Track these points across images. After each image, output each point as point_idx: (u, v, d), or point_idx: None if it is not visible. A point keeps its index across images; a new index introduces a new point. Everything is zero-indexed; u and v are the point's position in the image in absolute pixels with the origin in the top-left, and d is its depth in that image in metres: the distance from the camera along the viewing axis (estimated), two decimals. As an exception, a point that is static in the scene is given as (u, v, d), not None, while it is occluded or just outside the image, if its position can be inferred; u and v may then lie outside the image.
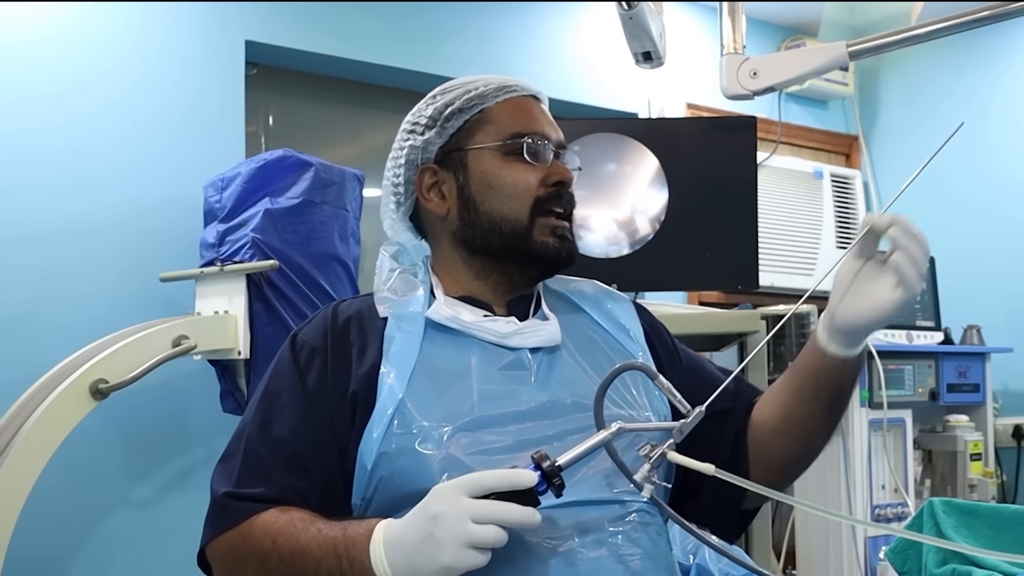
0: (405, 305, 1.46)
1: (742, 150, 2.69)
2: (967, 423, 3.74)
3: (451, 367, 1.42)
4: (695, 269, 2.67)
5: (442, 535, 1.18)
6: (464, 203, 1.51)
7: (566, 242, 1.52)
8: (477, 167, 1.51)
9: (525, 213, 1.49)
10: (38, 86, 2.95)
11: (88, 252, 2.97)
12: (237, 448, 1.41)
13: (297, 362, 1.44)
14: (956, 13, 2.01)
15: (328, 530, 1.29)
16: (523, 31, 4.00)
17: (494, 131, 1.52)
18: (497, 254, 1.51)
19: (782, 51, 4.67)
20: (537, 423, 1.39)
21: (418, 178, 1.54)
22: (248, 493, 1.36)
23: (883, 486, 3.51)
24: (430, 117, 1.54)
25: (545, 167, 1.51)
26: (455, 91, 1.55)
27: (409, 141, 1.55)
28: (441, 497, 1.20)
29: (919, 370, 3.63)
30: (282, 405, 1.41)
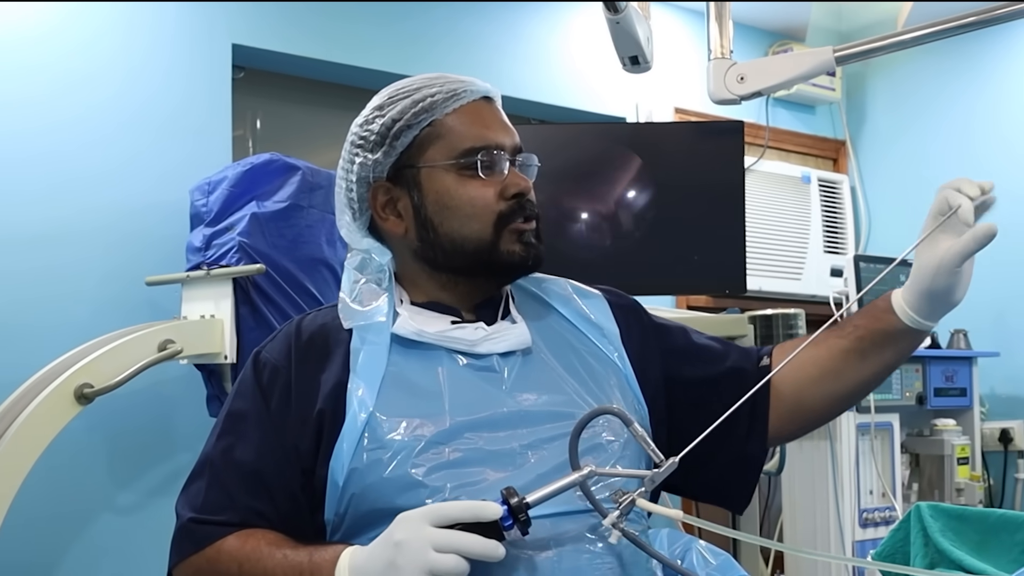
0: (369, 316, 1.44)
1: (730, 154, 2.69)
2: (954, 427, 3.75)
3: (419, 379, 1.39)
4: (683, 273, 2.67)
5: (403, 563, 1.18)
6: (422, 223, 1.46)
7: (532, 248, 1.48)
8: (431, 186, 1.46)
9: (488, 230, 1.44)
10: (21, 88, 2.93)
11: (73, 255, 2.95)
12: (201, 472, 1.40)
13: (260, 382, 1.42)
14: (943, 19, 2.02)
15: (294, 556, 1.30)
16: (511, 35, 4.00)
17: (446, 147, 1.45)
18: (462, 271, 1.48)
19: (769, 56, 4.68)
20: (512, 431, 1.37)
21: (371, 196, 1.49)
22: (213, 519, 1.35)
23: (871, 490, 3.51)
24: (378, 133, 1.47)
25: (502, 179, 1.46)
26: (401, 102, 1.47)
27: (359, 158, 1.49)
28: (404, 525, 1.20)
29: (906, 374, 3.63)
30: (245, 428, 1.40)
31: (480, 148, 1.45)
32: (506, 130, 1.50)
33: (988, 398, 4.18)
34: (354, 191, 1.50)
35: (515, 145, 1.50)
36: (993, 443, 4.08)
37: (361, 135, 1.50)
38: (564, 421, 1.37)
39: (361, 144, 1.49)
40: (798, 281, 4.52)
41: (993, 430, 4.09)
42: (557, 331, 1.54)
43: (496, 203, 1.45)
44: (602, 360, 1.52)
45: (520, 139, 1.53)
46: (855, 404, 1.56)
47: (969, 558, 2.07)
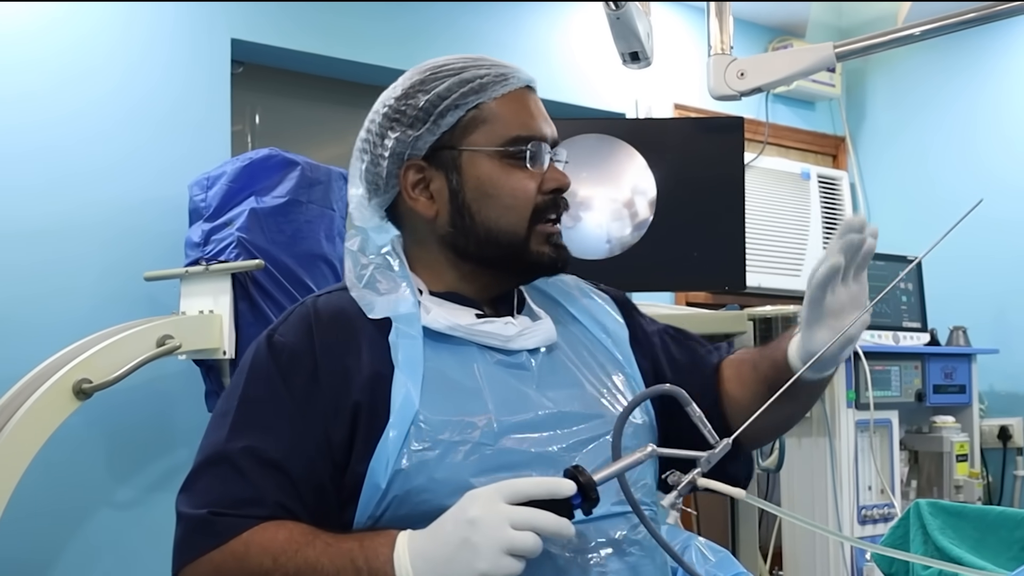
0: (398, 306, 1.36)
1: (729, 151, 2.69)
2: (953, 424, 3.75)
3: (458, 376, 1.34)
4: (683, 270, 2.67)
5: (480, 540, 1.13)
6: (457, 209, 1.40)
7: (561, 250, 1.45)
8: (473, 171, 1.40)
9: (524, 224, 1.40)
10: (20, 83, 2.92)
11: (71, 251, 2.95)
12: (214, 465, 1.28)
13: (279, 367, 1.32)
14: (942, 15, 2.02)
15: (340, 543, 1.22)
16: (511, 31, 3.99)
17: (492, 132, 1.40)
18: (490, 262, 1.42)
19: (769, 52, 4.68)
20: (551, 433, 1.34)
21: (403, 174, 1.41)
22: (236, 512, 1.24)
23: (869, 487, 3.51)
24: (421, 109, 1.40)
25: (542, 172, 1.42)
26: (448, 79, 1.41)
27: (395, 132, 1.41)
28: (478, 502, 1.16)
29: (905, 371, 3.63)
30: (265, 416, 1.30)
31: (527, 138, 1.41)
32: (548, 122, 1.47)
33: (987, 395, 4.18)
34: (382, 166, 1.42)
35: (555, 138, 1.47)
36: (992, 440, 4.08)
37: (398, 108, 1.42)
38: (595, 421, 1.36)
39: (397, 118, 1.42)
40: (797, 278, 4.52)
41: (992, 427, 4.09)
42: (569, 328, 1.52)
43: (535, 196, 1.41)
44: (611, 360, 1.50)
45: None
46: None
47: (968, 555, 2.07)
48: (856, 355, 3.43)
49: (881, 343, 3.62)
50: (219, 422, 1.32)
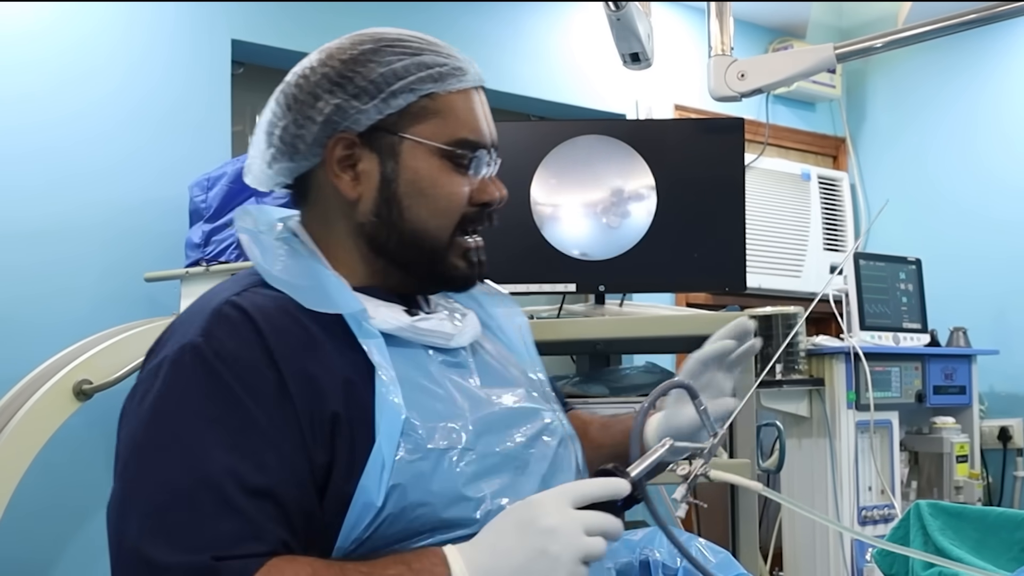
0: (345, 301, 1.22)
1: (730, 152, 2.69)
2: (953, 425, 3.75)
3: (418, 378, 1.24)
4: (682, 271, 2.66)
5: (559, 549, 1.06)
6: (385, 199, 1.29)
7: (477, 268, 1.35)
8: (411, 163, 1.28)
9: (448, 231, 1.31)
10: (20, 84, 2.92)
11: (72, 251, 2.95)
12: (187, 498, 1.07)
13: (237, 379, 1.12)
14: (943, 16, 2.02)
15: (379, 570, 1.09)
16: (511, 32, 3.99)
17: (440, 127, 1.29)
18: (404, 264, 1.32)
19: (770, 53, 4.68)
20: (506, 432, 1.28)
21: (331, 145, 1.28)
22: (238, 553, 1.05)
23: (869, 488, 3.52)
24: (372, 82, 1.27)
25: (478, 181, 1.33)
26: (405, 58, 1.29)
27: (335, 99, 1.27)
28: (547, 508, 1.09)
29: (906, 372, 3.63)
30: (236, 438, 1.10)
31: (474, 143, 1.31)
32: (492, 129, 1.36)
33: (987, 396, 4.18)
34: (308, 129, 1.28)
35: (495, 142, 1.37)
36: (992, 441, 4.08)
37: (344, 73, 1.28)
38: (537, 419, 1.33)
39: (341, 83, 1.28)
40: (797, 279, 4.52)
41: (992, 428, 4.09)
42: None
43: (465, 205, 1.32)
44: (517, 354, 1.48)
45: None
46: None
47: (969, 556, 2.07)
48: (857, 356, 3.44)
49: (881, 344, 3.62)
50: (166, 454, 1.10)
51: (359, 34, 1.34)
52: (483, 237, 1.38)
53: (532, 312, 2.73)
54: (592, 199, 2.65)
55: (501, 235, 2.59)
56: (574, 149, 2.67)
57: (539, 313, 2.73)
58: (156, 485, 1.08)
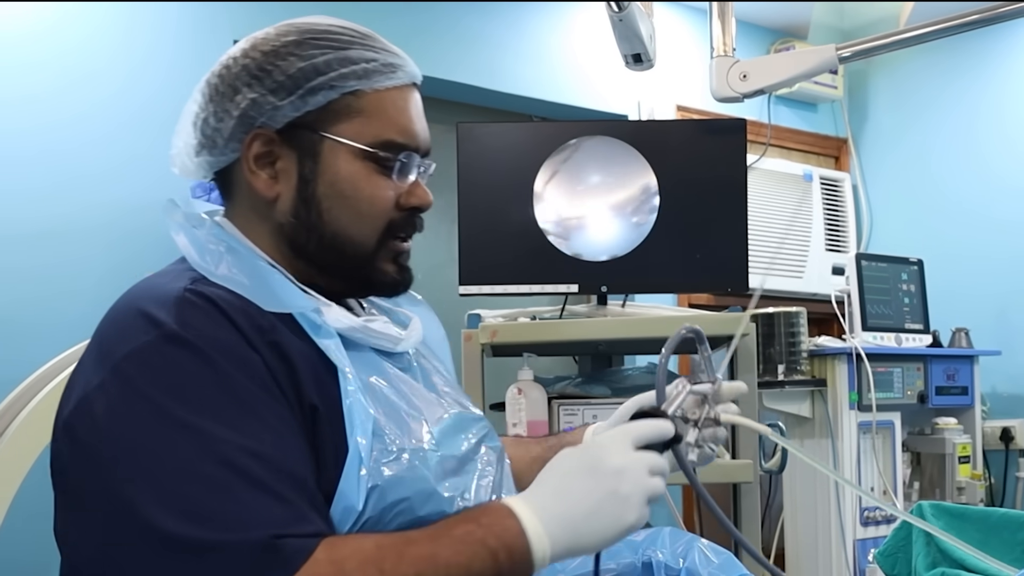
0: (285, 302, 1.15)
1: (732, 152, 2.69)
2: (955, 426, 3.75)
3: (373, 378, 1.20)
4: (685, 271, 2.67)
5: (629, 490, 1.07)
6: (305, 200, 1.22)
7: (406, 272, 1.30)
8: (332, 164, 1.22)
9: (374, 237, 1.24)
10: (22, 85, 2.92)
11: (74, 253, 2.95)
12: (222, 483, 0.99)
13: (228, 360, 1.06)
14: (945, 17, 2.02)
15: (448, 531, 1.05)
16: (513, 32, 3.99)
17: (364, 127, 1.22)
18: (329, 269, 1.26)
19: (772, 54, 4.67)
20: (463, 435, 1.27)
21: (248, 141, 1.22)
22: (295, 532, 0.99)
23: (872, 488, 3.52)
24: (290, 76, 1.21)
25: (406, 186, 1.26)
26: (329, 52, 1.23)
27: (252, 93, 1.21)
28: (613, 450, 1.09)
29: (908, 373, 3.63)
30: (244, 419, 1.03)
31: (401, 146, 1.24)
32: (425, 130, 1.29)
33: (989, 397, 4.18)
34: (226, 123, 1.23)
35: (428, 148, 1.30)
36: (994, 442, 4.08)
37: (263, 66, 1.22)
38: (481, 426, 1.31)
39: (259, 76, 1.22)
40: (800, 279, 4.52)
41: (994, 429, 4.09)
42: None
43: (391, 209, 1.25)
44: (438, 360, 1.45)
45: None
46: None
47: (971, 557, 2.07)
48: (859, 356, 3.44)
49: (883, 345, 3.62)
50: (181, 443, 1.01)
51: (286, 24, 1.29)
52: (485, 237, 1.36)
53: (535, 313, 2.73)
54: (594, 200, 2.65)
55: (504, 236, 2.61)
56: (576, 150, 2.67)
57: (542, 314, 2.73)
58: (181, 475, 0.99)
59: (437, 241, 3.81)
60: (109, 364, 1.07)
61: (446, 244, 3.75)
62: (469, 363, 2.50)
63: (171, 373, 1.04)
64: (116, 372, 1.06)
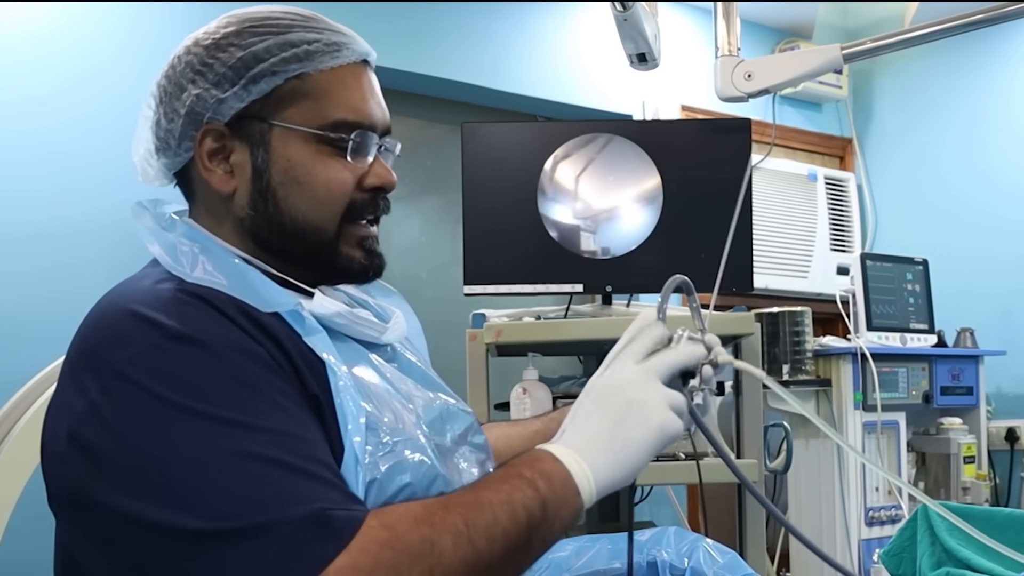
0: (267, 301, 1.12)
1: (736, 152, 2.69)
2: (960, 426, 3.75)
3: (361, 369, 1.18)
4: (689, 271, 2.65)
5: (644, 395, 1.06)
6: (260, 190, 1.20)
7: (375, 257, 1.26)
8: (283, 151, 1.19)
9: (335, 221, 1.22)
10: (29, 87, 2.93)
11: (79, 254, 2.95)
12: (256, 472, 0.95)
13: (238, 351, 1.04)
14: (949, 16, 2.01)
15: (485, 479, 1.04)
16: (517, 32, 3.99)
17: (313, 110, 1.20)
18: (295, 259, 1.23)
19: (776, 53, 4.67)
20: (449, 427, 1.26)
21: (199, 139, 1.20)
22: (342, 506, 0.96)
23: (877, 488, 3.51)
24: (231, 67, 1.18)
25: (365, 166, 1.23)
26: (269, 38, 1.19)
27: (196, 88, 1.19)
28: (620, 368, 1.09)
29: (913, 373, 3.63)
30: (263, 410, 1.01)
31: (352, 124, 1.21)
32: (381, 107, 1.26)
33: (994, 396, 4.18)
34: (175, 123, 1.22)
35: (386, 126, 1.27)
36: (999, 442, 4.07)
37: (205, 60, 1.20)
38: (466, 419, 1.30)
39: (202, 71, 1.19)
40: (804, 279, 4.52)
41: (999, 429, 4.08)
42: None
43: (351, 191, 1.22)
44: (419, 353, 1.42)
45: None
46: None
47: (976, 557, 2.07)
48: (864, 356, 3.43)
49: (888, 344, 3.62)
50: (195, 432, 0.97)
51: (227, 16, 1.24)
52: (490, 237, 1.35)
53: (539, 313, 2.73)
54: (599, 200, 2.65)
55: (508, 236, 2.61)
56: (581, 150, 2.67)
57: (546, 314, 2.73)
58: (215, 470, 0.95)
59: (442, 241, 3.82)
60: (108, 371, 1.02)
61: (451, 244, 3.75)
62: (474, 363, 2.50)
63: (182, 371, 1.00)
64: (120, 377, 1.01)
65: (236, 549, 0.91)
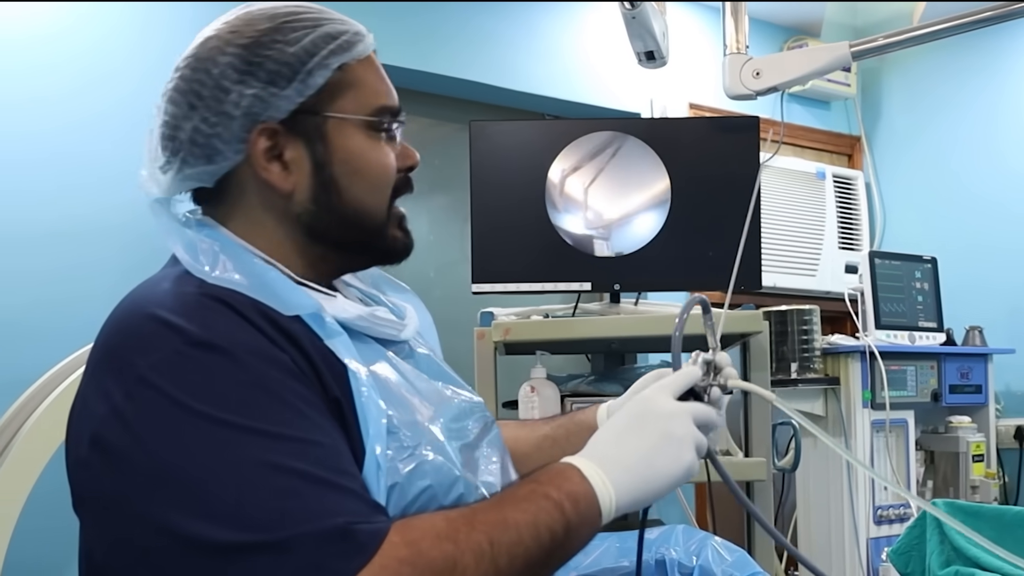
0: (289, 303, 1.12)
1: (745, 150, 2.68)
2: (969, 424, 3.74)
3: (381, 369, 1.18)
4: (697, 269, 2.66)
5: (683, 432, 1.11)
6: (322, 184, 1.21)
7: (409, 236, 1.31)
8: (342, 142, 1.21)
9: (385, 204, 1.26)
10: (39, 86, 2.94)
11: (89, 254, 2.96)
12: (280, 483, 0.96)
13: (250, 366, 1.02)
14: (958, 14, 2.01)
15: (510, 495, 1.04)
16: (525, 31, 3.99)
17: (360, 99, 1.23)
18: (346, 246, 1.26)
19: (785, 51, 4.67)
20: (468, 424, 1.27)
21: (254, 139, 1.18)
22: (367, 519, 0.97)
23: (885, 487, 3.51)
24: (284, 64, 1.18)
25: (397, 147, 1.29)
26: (309, 32, 1.20)
27: (252, 89, 1.17)
28: (658, 398, 1.14)
29: (921, 371, 3.63)
30: (290, 419, 1.01)
31: (391, 108, 1.26)
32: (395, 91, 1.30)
33: (1003, 395, 4.17)
34: (227, 127, 1.18)
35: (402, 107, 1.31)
36: (1008, 440, 4.06)
37: (250, 59, 1.18)
38: (483, 414, 1.31)
39: (250, 71, 1.17)
40: (813, 277, 4.52)
41: (1008, 427, 4.08)
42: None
43: (395, 173, 1.28)
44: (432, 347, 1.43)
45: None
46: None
47: (986, 555, 2.06)
48: (872, 355, 3.43)
49: (897, 343, 3.61)
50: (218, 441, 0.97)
51: (246, 14, 1.22)
52: (498, 235, 1.37)
53: (547, 311, 2.73)
54: (607, 198, 2.65)
55: (517, 234, 2.61)
56: (588, 148, 2.67)
57: (554, 312, 2.73)
58: (239, 481, 0.95)
59: (450, 239, 3.82)
60: (131, 376, 1.02)
61: (459, 242, 3.75)
62: (482, 361, 2.50)
63: (205, 378, 1.00)
64: (143, 383, 1.01)
65: (261, 562, 0.92)
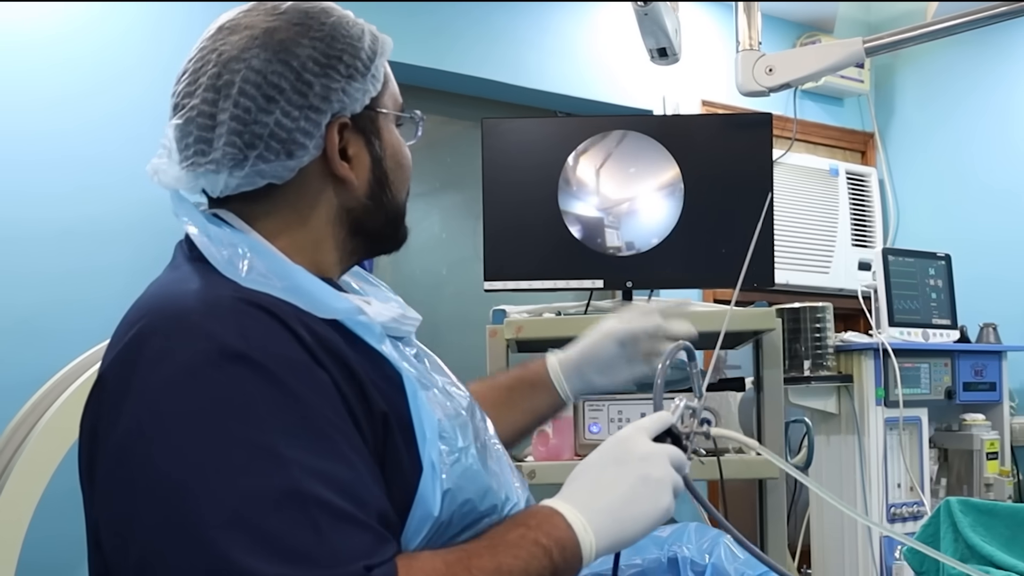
0: (328, 307, 1.09)
1: (757, 147, 2.68)
2: (983, 422, 3.72)
3: (417, 373, 1.16)
4: (710, 267, 2.66)
5: (660, 474, 1.13)
6: (378, 179, 1.21)
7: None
8: (389, 138, 1.23)
9: (406, 197, 1.29)
10: (53, 86, 2.95)
11: (103, 253, 2.97)
12: (300, 511, 0.93)
13: (286, 386, 0.98)
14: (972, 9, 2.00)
15: (501, 538, 1.06)
16: (538, 28, 3.99)
17: (391, 96, 1.25)
18: (380, 239, 1.28)
19: (798, 48, 4.66)
20: (476, 420, 1.25)
21: (331, 133, 1.16)
22: (380, 559, 0.96)
23: (899, 485, 3.50)
24: (361, 60, 1.18)
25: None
26: (357, 28, 1.20)
27: (337, 83, 1.15)
28: (635, 439, 1.15)
29: (935, 368, 3.61)
30: (314, 445, 0.97)
31: (403, 105, 1.29)
32: None
33: (1018, 392, 4.15)
34: (314, 121, 1.14)
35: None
36: (1023, 438, 4.05)
37: (329, 54, 1.15)
38: (469, 402, 1.29)
39: (332, 65, 1.15)
40: (826, 275, 4.50)
41: (1023, 425, 4.06)
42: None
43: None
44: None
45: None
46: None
47: (1000, 553, 2.06)
48: (886, 352, 3.42)
49: (910, 340, 3.60)
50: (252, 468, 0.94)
51: (306, 7, 1.19)
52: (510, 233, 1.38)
53: (560, 308, 2.73)
54: (620, 195, 2.65)
55: (529, 232, 2.61)
56: (601, 145, 2.66)
57: (567, 310, 2.73)
58: (259, 506, 0.92)
59: (462, 237, 3.82)
60: (158, 379, 0.98)
61: (471, 239, 3.75)
62: (494, 358, 2.50)
63: (235, 393, 0.96)
64: (168, 393, 0.97)
65: None
